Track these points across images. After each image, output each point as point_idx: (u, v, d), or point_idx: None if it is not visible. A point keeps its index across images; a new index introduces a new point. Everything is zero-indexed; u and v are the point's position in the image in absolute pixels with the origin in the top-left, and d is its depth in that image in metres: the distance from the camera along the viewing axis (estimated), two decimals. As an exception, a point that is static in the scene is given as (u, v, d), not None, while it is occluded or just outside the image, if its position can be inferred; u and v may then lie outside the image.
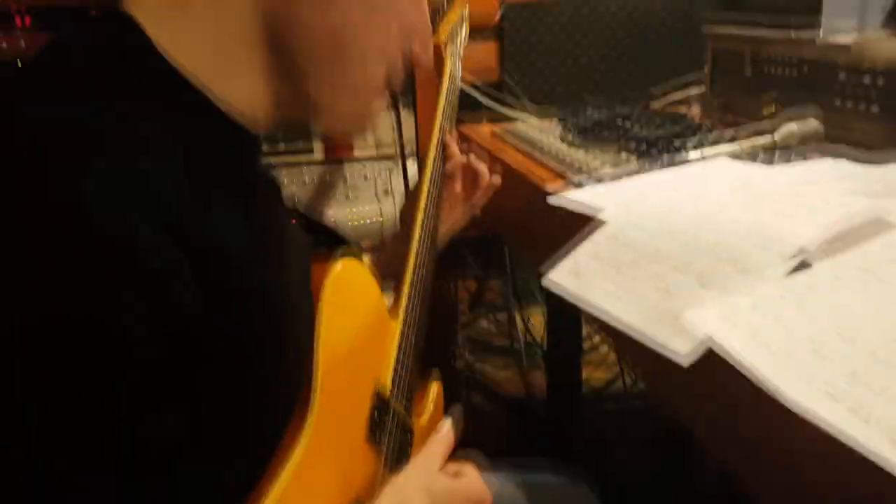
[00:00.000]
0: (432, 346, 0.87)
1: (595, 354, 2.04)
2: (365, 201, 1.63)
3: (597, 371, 2.02)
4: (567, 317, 1.63)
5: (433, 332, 0.86)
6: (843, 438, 0.49)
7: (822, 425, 0.50)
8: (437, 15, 1.20)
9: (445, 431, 0.70)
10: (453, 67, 1.11)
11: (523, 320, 2.15)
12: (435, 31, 1.12)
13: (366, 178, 1.64)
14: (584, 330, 1.80)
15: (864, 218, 0.72)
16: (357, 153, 1.64)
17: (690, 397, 0.74)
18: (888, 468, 0.45)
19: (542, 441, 1.69)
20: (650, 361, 0.77)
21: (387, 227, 1.61)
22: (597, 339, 2.04)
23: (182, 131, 0.54)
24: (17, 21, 1.52)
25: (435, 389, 0.89)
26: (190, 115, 0.56)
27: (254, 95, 0.59)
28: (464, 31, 1.21)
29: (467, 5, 1.23)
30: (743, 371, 0.56)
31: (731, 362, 0.57)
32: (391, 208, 1.64)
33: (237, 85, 0.58)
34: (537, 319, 2.16)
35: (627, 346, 0.82)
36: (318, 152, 1.61)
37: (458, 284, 2.26)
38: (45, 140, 0.47)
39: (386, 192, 1.65)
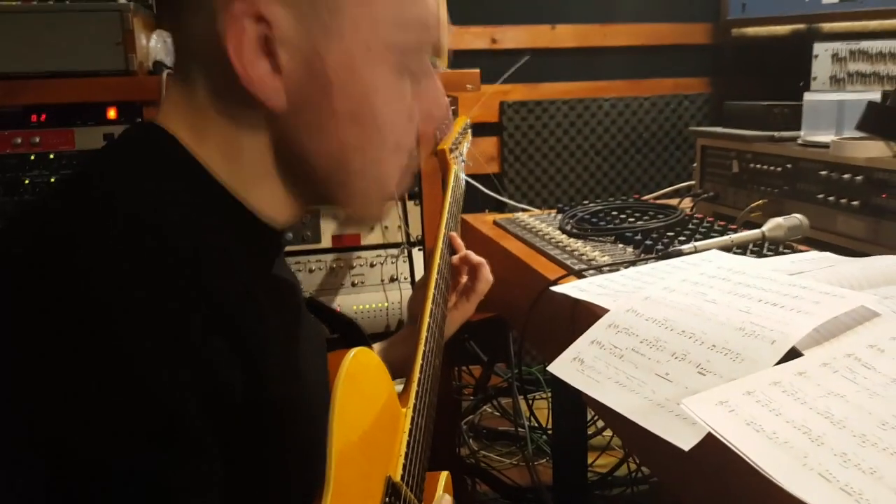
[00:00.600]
0: (436, 434, 0.90)
1: (599, 439, 2.05)
2: (371, 289, 1.68)
3: (602, 457, 2.03)
4: (571, 403, 1.66)
5: (437, 419, 0.89)
6: (836, 517, 0.52)
7: (817, 505, 0.54)
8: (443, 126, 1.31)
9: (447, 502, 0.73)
10: (458, 169, 1.21)
11: (528, 407, 2.18)
12: (440, 142, 1.22)
13: (372, 265, 1.70)
14: (588, 415, 1.82)
15: (849, 308, 0.77)
16: (364, 242, 1.71)
17: (690, 478, 0.77)
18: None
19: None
20: (652, 445, 0.81)
21: (392, 314, 1.66)
22: (600, 423, 2.06)
23: (228, 235, 0.58)
24: (33, 118, 1.60)
25: (444, 478, 0.91)
26: (230, 220, 0.60)
27: (277, 202, 0.64)
28: (467, 137, 1.32)
29: (468, 118, 1.35)
30: (739, 454, 0.60)
31: (729, 446, 0.61)
32: (397, 295, 1.69)
33: (262, 195, 0.62)
34: (541, 405, 2.18)
35: (630, 432, 0.86)
36: (326, 241, 1.68)
37: (461, 371, 2.29)
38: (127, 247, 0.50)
39: (392, 279, 1.71)
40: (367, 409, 0.70)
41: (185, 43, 0.60)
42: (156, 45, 1.60)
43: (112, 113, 1.59)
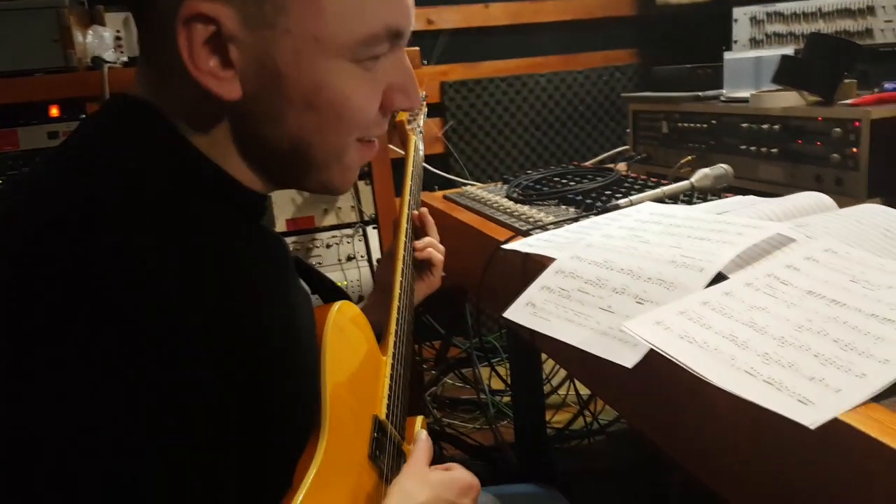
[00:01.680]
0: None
1: (555, 397, 2.15)
2: (329, 269, 1.73)
3: (559, 413, 2.13)
4: (528, 366, 1.74)
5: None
6: (762, 403, 0.60)
7: (745, 396, 0.62)
8: None
9: (424, 438, 0.79)
10: (417, 140, 1.26)
11: (490, 374, 2.26)
12: (397, 112, 1.27)
13: (328, 246, 1.75)
14: (543, 375, 1.90)
15: (767, 235, 0.86)
16: (318, 224, 1.75)
17: (639, 400, 0.85)
18: (800, 421, 0.57)
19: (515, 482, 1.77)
20: (602, 374, 0.89)
21: (352, 292, 1.71)
22: (555, 382, 2.15)
23: (219, 199, 0.64)
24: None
25: (420, 421, 0.98)
26: (219, 186, 0.65)
27: (249, 177, 0.68)
28: (423, 109, 1.37)
29: (424, 91, 1.38)
30: (676, 363, 0.68)
31: (667, 357, 0.69)
32: (356, 274, 1.74)
33: (235, 169, 0.67)
34: (501, 372, 2.27)
35: (582, 366, 0.94)
36: (281, 225, 1.72)
37: (421, 347, 2.36)
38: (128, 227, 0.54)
39: (349, 258, 1.76)
40: (353, 356, 0.76)
41: (148, 38, 0.64)
42: (93, 41, 1.61)
43: (55, 111, 1.59)
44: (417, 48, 1.82)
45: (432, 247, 1.16)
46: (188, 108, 0.63)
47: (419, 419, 0.97)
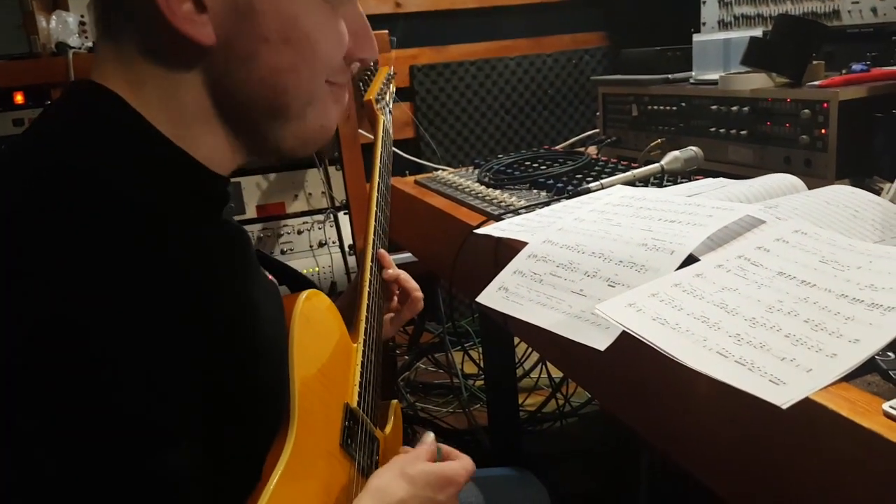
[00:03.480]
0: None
1: (527, 381, 2.16)
2: (300, 255, 1.71)
3: (531, 396, 2.14)
4: (500, 350, 1.74)
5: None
6: (733, 384, 0.60)
7: (716, 376, 0.62)
8: (366, 77, 1.33)
9: (428, 439, 0.78)
10: (386, 120, 1.24)
11: (463, 358, 2.26)
12: (365, 91, 1.25)
13: (299, 232, 1.73)
14: (516, 359, 1.91)
15: (737, 217, 0.86)
16: (289, 210, 1.73)
17: (611, 383, 0.86)
18: (772, 401, 0.57)
19: (490, 466, 1.78)
20: (575, 357, 0.89)
21: (324, 278, 1.70)
22: (527, 365, 2.16)
23: (179, 187, 0.61)
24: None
25: (394, 406, 0.98)
26: (180, 172, 0.62)
27: (220, 150, 0.66)
28: (391, 89, 1.34)
29: (392, 66, 1.37)
30: (649, 344, 0.68)
31: (640, 339, 0.69)
32: (327, 260, 1.73)
33: (204, 144, 0.64)
34: (473, 356, 2.27)
35: (550, 346, 0.94)
36: (251, 212, 1.70)
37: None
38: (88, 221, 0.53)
39: (321, 244, 1.74)
40: (322, 344, 0.75)
41: (109, 3, 0.62)
42: (56, 27, 1.57)
43: (19, 98, 1.56)
44: (386, 31, 1.80)
45: (412, 300, 1.12)
46: (156, 76, 0.61)
47: (393, 403, 0.96)
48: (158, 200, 0.59)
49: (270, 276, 0.80)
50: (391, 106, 1.32)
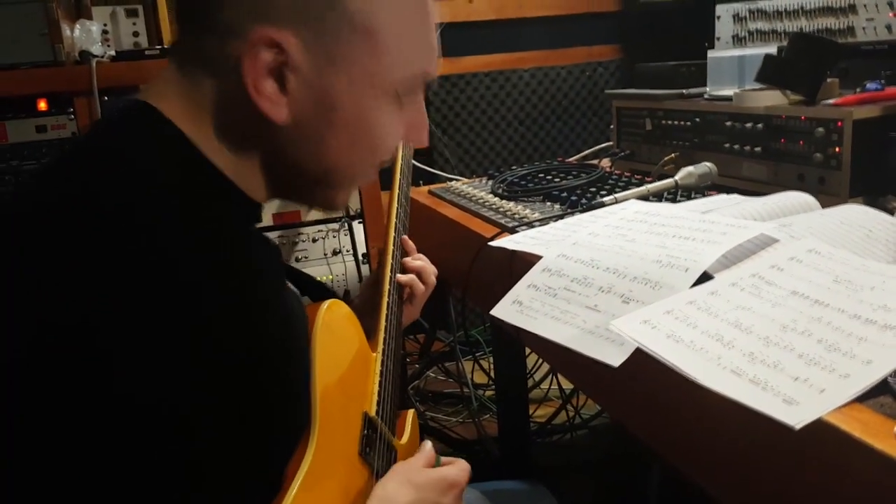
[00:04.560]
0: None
1: (537, 392, 2.16)
2: (315, 263, 1.73)
3: (541, 407, 2.14)
4: (511, 360, 1.75)
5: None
6: (747, 403, 0.61)
7: (730, 395, 0.62)
8: None
9: (427, 447, 0.79)
10: None
11: (473, 367, 2.27)
12: None
13: (314, 241, 1.74)
14: (526, 369, 1.92)
15: (751, 235, 0.87)
16: (304, 218, 1.75)
17: (626, 399, 0.86)
18: (784, 421, 0.57)
19: (499, 478, 1.79)
20: (590, 374, 0.90)
21: (338, 286, 1.71)
22: (538, 376, 2.16)
23: (225, 207, 0.65)
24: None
25: (411, 415, 0.99)
26: (226, 194, 0.66)
27: (255, 188, 0.69)
28: None
29: None
30: (663, 362, 0.68)
31: (654, 356, 0.69)
32: (341, 268, 1.74)
33: (244, 181, 0.68)
34: (484, 365, 2.28)
35: (562, 359, 0.95)
36: (267, 220, 1.72)
37: (405, 339, 2.37)
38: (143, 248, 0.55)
39: (335, 252, 1.75)
40: (343, 353, 0.77)
41: (196, 50, 0.65)
42: (80, 35, 1.60)
43: (42, 105, 1.59)
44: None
45: (420, 273, 1.12)
46: (221, 119, 0.65)
47: (410, 413, 0.97)
48: (212, 215, 0.62)
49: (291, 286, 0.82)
50: None
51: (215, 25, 0.62)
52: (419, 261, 1.12)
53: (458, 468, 0.79)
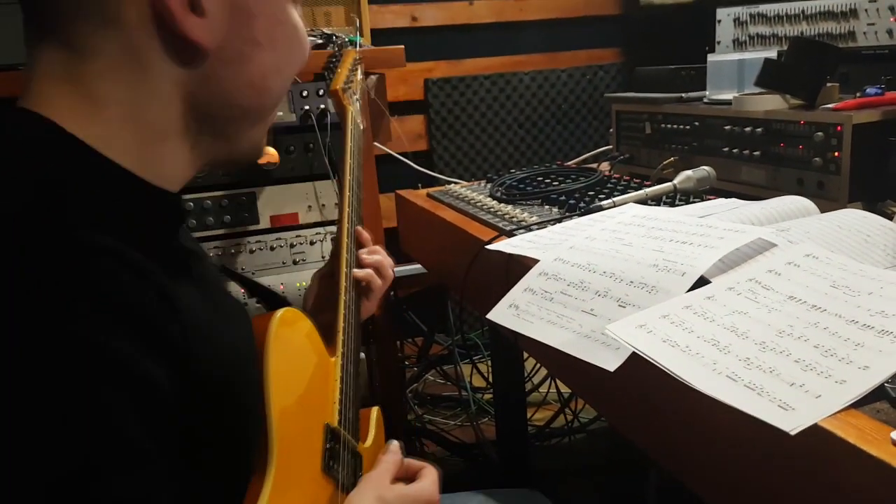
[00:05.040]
0: (384, 404, 0.93)
1: (536, 395, 2.16)
2: (312, 266, 1.72)
3: (539, 411, 2.14)
4: (509, 363, 1.74)
5: (383, 391, 0.94)
6: (742, 408, 0.60)
7: (726, 401, 0.62)
8: (331, 64, 1.29)
9: (393, 449, 0.78)
10: (354, 109, 1.17)
11: (472, 370, 2.27)
12: (332, 79, 1.18)
13: (312, 243, 1.74)
14: (525, 373, 1.91)
15: (749, 240, 0.86)
16: (301, 220, 1.75)
17: (620, 402, 0.86)
18: (780, 427, 0.57)
19: (497, 482, 1.78)
20: (585, 378, 0.89)
21: (334, 288, 1.71)
22: (536, 380, 2.16)
23: (128, 212, 0.57)
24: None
25: (375, 413, 0.96)
26: (128, 196, 0.59)
27: (179, 165, 0.63)
28: (358, 75, 1.27)
29: (357, 52, 1.31)
30: (659, 367, 0.68)
31: (650, 361, 0.69)
32: (337, 271, 1.74)
33: (160, 158, 0.61)
34: (482, 369, 2.27)
35: (559, 363, 0.94)
36: (265, 222, 1.71)
37: (403, 343, 2.37)
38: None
39: (332, 254, 1.75)
40: (299, 366, 0.73)
41: (72, 8, 0.57)
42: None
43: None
44: (402, 46, 1.81)
45: (377, 268, 1.07)
46: (123, 92, 0.58)
47: (374, 410, 0.95)
48: (102, 238, 0.53)
49: (243, 290, 0.79)
50: (359, 94, 1.24)
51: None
52: (376, 255, 1.06)
53: (430, 481, 0.77)
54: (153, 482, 0.51)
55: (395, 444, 0.79)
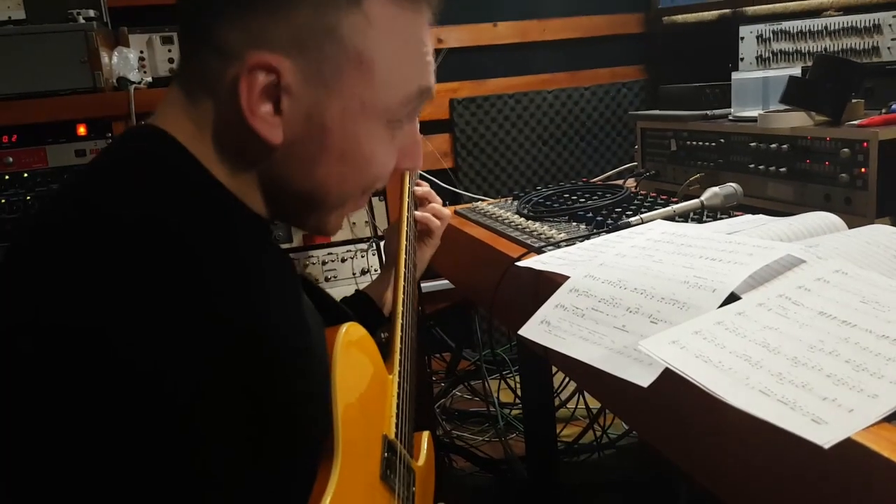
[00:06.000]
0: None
1: (564, 411, 2.16)
2: (343, 282, 1.76)
3: (568, 427, 2.14)
4: (538, 379, 1.75)
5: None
6: (776, 423, 0.61)
7: (759, 415, 0.63)
8: None
9: None
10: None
11: (500, 384, 2.28)
12: None
13: (343, 260, 1.78)
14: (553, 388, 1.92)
15: (778, 256, 0.87)
16: (333, 239, 1.78)
17: (653, 418, 0.87)
18: (813, 440, 0.58)
19: (526, 497, 1.79)
20: (618, 392, 0.91)
21: (365, 305, 1.74)
22: (564, 395, 2.17)
23: (235, 224, 0.67)
24: (4, 139, 1.64)
25: (426, 437, 1.00)
26: (235, 211, 0.69)
27: (258, 205, 0.72)
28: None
29: None
30: (692, 382, 0.69)
31: (683, 376, 0.70)
32: (368, 288, 1.77)
33: (250, 199, 0.71)
34: (511, 385, 2.28)
35: (597, 383, 0.96)
36: (298, 240, 1.75)
37: (431, 359, 2.38)
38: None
39: (363, 272, 1.78)
40: (361, 377, 0.78)
41: (198, 72, 0.67)
42: (118, 62, 1.65)
43: (82, 129, 1.64)
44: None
45: (434, 213, 1.21)
46: (221, 140, 0.67)
47: (425, 434, 0.98)
48: (226, 228, 0.65)
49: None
50: None
51: (217, 48, 0.65)
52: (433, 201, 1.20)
53: None
54: (234, 457, 0.56)
55: None
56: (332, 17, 0.64)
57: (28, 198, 1.61)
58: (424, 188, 1.26)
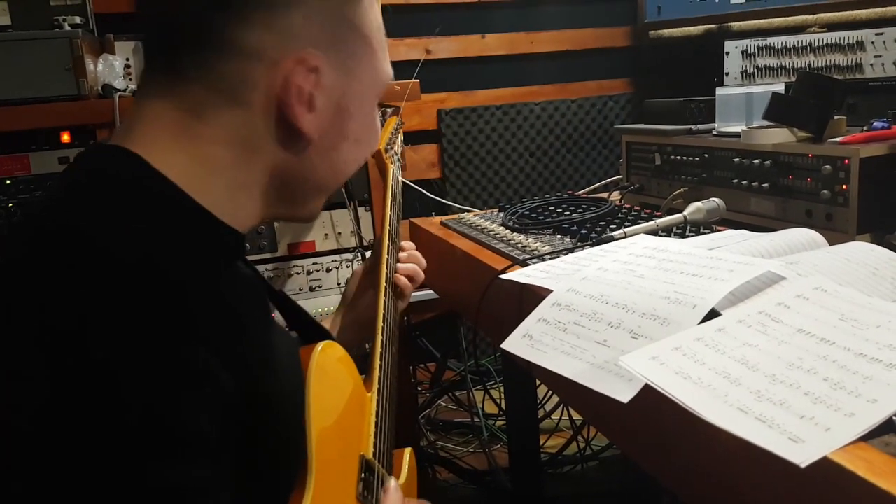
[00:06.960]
0: (396, 429, 0.96)
1: (548, 422, 2.17)
2: (328, 293, 1.75)
3: (552, 438, 2.14)
4: (522, 390, 1.75)
5: (397, 415, 0.97)
6: (753, 441, 0.62)
7: (737, 432, 0.63)
8: None
9: (392, 489, 0.80)
10: (394, 168, 1.27)
11: (484, 396, 2.28)
12: None
13: (328, 270, 1.77)
14: (537, 399, 1.92)
15: (758, 273, 0.88)
16: (318, 248, 1.78)
17: (633, 432, 0.87)
18: (790, 459, 0.58)
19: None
20: (599, 407, 0.91)
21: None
22: (548, 407, 2.17)
23: (202, 246, 0.64)
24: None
25: (408, 454, 0.99)
26: (204, 232, 0.65)
27: (250, 216, 0.70)
28: (399, 138, 1.38)
29: (400, 117, 1.41)
30: (671, 398, 0.69)
31: (662, 392, 0.71)
32: (352, 298, 1.77)
33: (239, 212, 0.68)
34: (494, 395, 2.28)
35: (579, 398, 0.96)
36: (283, 250, 1.75)
37: (416, 369, 2.38)
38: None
39: (347, 282, 1.78)
40: (338, 396, 0.76)
41: (206, 82, 0.63)
42: (103, 70, 1.64)
43: (66, 137, 1.63)
44: (417, 80, 1.85)
45: (411, 275, 1.14)
46: (218, 156, 0.64)
47: (407, 451, 0.98)
48: (183, 267, 0.60)
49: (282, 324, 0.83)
50: (399, 154, 1.36)
51: (239, 51, 0.62)
52: (412, 262, 1.16)
53: None
54: (212, 476, 0.55)
55: (393, 484, 0.81)
56: (347, 7, 0.67)
57: (10, 205, 1.60)
58: (410, 252, 1.20)
